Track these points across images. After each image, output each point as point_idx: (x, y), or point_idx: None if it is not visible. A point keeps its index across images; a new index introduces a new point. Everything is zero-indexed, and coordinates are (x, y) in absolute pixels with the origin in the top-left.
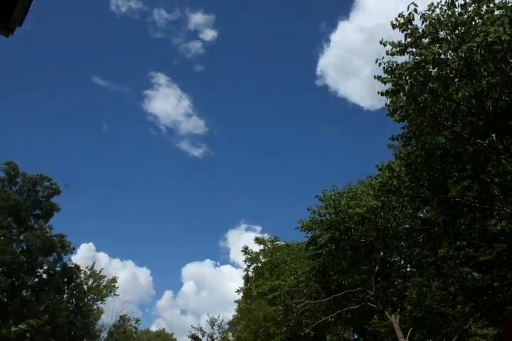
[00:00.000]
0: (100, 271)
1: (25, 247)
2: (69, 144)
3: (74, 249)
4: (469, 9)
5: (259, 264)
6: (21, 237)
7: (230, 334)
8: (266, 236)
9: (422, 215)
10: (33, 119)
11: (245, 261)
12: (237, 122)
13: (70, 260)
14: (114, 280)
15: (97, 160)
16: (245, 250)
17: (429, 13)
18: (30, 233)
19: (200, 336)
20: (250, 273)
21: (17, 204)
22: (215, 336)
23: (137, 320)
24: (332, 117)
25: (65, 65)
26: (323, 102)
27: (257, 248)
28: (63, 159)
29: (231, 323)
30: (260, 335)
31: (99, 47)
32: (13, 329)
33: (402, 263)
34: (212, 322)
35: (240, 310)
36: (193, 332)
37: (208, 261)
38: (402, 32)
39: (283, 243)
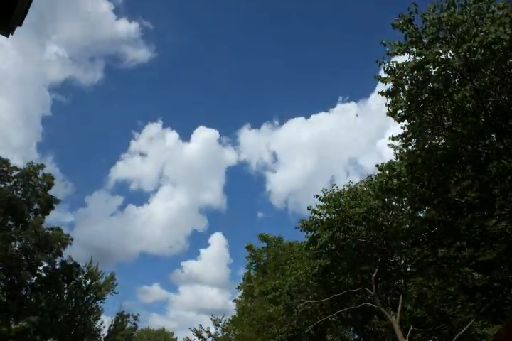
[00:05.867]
0: (97, 267)
1: (23, 245)
2: None
3: (72, 240)
4: (469, 9)
5: (262, 263)
6: (20, 234)
7: (231, 331)
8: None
9: (422, 215)
10: None
11: (248, 258)
12: None
13: (69, 257)
14: (112, 277)
15: None
16: (249, 247)
17: (430, 12)
18: (29, 230)
19: (205, 335)
20: (252, 271)
21: (13, 200)
22: (218, 336)
23: (135, 317)
24: None
25: None
26: None
27: (259, 245)
28: None
29: (232, 321)
30: (262, 334)
31: None
32: (13, 326)
33: (402, 263)
34: (216, 323)
35: (241, 308)
36: (198, 329)
37: None
38: (403, 32)
39: (286, 242)
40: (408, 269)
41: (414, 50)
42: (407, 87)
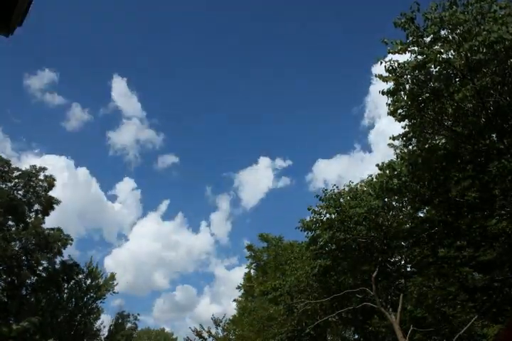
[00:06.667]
0: (96, 266)
1: (24, 245)
2: None
3: (72, 240)
4: (471, 8)
5: (262, 263)
6: (20, 235)
7: (232, 331)
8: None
9: (422, 215)
10: None
11: (248, 258)
12: None
13: (69, 256)
14: (112, 277)
15: None
16: (249, 247)
17: (432, 11)
18: (29, 230)
19: (206, 335)
20: (252, 271)
21: (14, 200)
22: (219, 336)
23: (135, 317)
24: None
25: None
26: None
27: (260, 245)
28: None
29: (232, 321)
30: (263, 334)
31: None
32: (14, 327)
33: (402, 263)
34: (216, 323)
35: (241, 307)
36: (198, 329)
37: None
38: (404, 31)
39: (287, 242)
40: (408, 269)
41: (416, 49)
42: (407, 86)
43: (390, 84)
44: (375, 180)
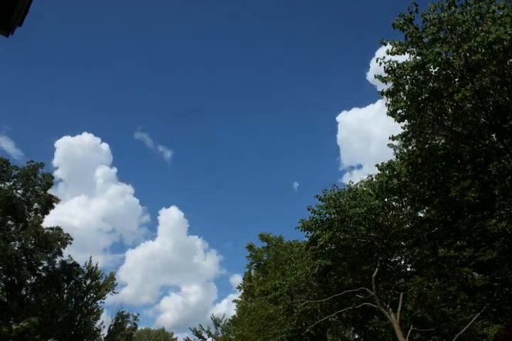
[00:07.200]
0: (96, 266)
1: (23, 244)
2: None
3: (72, 240)
4: (470, 9)
5: (262, 262)
6: (20, 234)
7: (231, 331)
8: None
9: (422, 215)
10: None
11: (248, 258)
12: None
13: (69, 256)
14: (112, 277)
15: None
16: (250, 247)
17: (430, 12)
18: (28, 229)
19: (206, 335)
20: (252, 271)
21: (13, 199)
22: (218, 336)
23: (135, 317)
24: None
25: None
26: None
27: (260, 244)
28: None
29: (233, 321)
30: (263, 334)
31: None
32: (14, 327)
33: (402, 263)
34: (216, 323)
35: (241, 307)
36: (198, 330)
37: None
38: (403, 31)
39: (287, 242)
40: (408, 269)
41: (415, 49)
42: (407, 87)
43: (390, 85)
44: (374, 180)
